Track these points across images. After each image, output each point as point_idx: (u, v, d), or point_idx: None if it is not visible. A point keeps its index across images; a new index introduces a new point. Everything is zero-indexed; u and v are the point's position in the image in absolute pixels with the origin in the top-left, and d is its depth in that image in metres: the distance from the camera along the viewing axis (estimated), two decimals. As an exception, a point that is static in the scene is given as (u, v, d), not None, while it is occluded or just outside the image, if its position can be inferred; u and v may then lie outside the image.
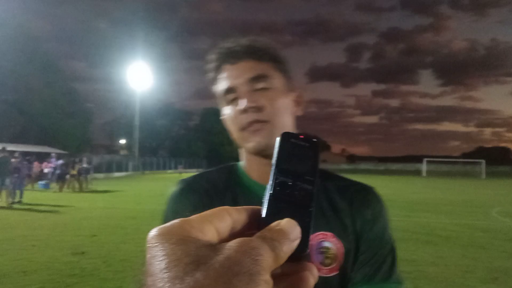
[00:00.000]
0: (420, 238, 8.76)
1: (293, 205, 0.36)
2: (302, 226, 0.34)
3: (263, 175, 1.01)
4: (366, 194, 1.04)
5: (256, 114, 0.94)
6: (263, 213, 0.35)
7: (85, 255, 6.64)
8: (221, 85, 1.00)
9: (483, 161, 66.61)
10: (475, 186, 34.76)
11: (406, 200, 18.43)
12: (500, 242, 8.60)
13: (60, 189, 19.72)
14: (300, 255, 0.33)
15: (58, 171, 20.26)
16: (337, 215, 0.98)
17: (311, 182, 0.37)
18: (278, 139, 0.40)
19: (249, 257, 0.28)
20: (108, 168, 39.83)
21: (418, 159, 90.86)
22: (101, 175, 36.28)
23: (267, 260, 0.29)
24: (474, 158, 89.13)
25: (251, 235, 0.32)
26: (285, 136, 0.40)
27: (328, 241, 0.93)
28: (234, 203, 0.98)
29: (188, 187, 1.04)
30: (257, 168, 1.03)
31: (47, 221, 10.19)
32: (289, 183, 0.37)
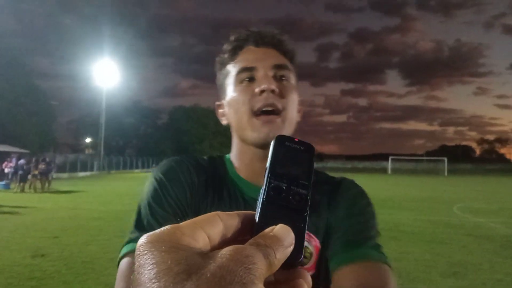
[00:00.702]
0: (384, 234, 8.88)
1: (288, 210, 0.35)
2: (297, 232, 0.33)
3: (252, 172, 0.99)
4: (340, 185, 1.02)
5: (276, 99, 0.92)
6: (257, 218, 0.34)
7: (45, 258, 6.42)
8: (239, 63, 0.98)
9: (445, 159, 68.89)
10: (438, 183, 35.89)
11: (372, 197, 18.46)
12: (460, 237, 8.89)
13: (22, 190, 19.07)
14: (294, 261, 0.32)
15: (20, 171, 19.58)
16: (314, 211, 0.94)
17: (305, 186, 0.37)
18: (272, 142, 0.40)
19: (242, 265, 0.27)
20: (72, 167, 38.74)
21: (384, 157, 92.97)
22: (65, 175, 35.30)
23: (261, 268, 0.28)
24: (437, 156, 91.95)
25: (244, 241, 0.31)
26: (280, 139, 0.40)
27: (305, 240, 0.90)
28: (218, 198, 0.95)
29: (179, 161, 0.98)
30: (248, 163, 0.99)
31: (7, 222, 9.81)
32: (284, 188, 0.36)
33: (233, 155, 1.04)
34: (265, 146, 0.93)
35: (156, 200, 0.90)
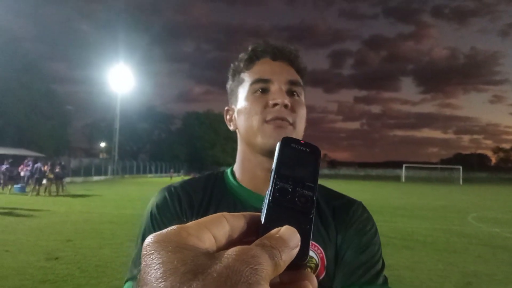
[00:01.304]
0: (397, 243, 8.85)
1: (293, 212, 0.35)
2: (302, 233, 0.33)
3: (255, 181, 1.00)
4: (351, 207, 1.04)
5: (287, 113, 0.95)
6: (262, 220, 0.34)
7: (59, 260, 6.50)
8: (255, 73, 1.00)
9: (460, 167, 67.95)
10: (452, 191, 35.41)
11: (385, 205, 18.63)
12: (474, 247, 8.75)
13: (37, 193, 19.32)
14: (299, 263, 0.32)
15: (36, 175, 19.85)
16: (321, 225, 0.98)
17: (311, 188, 0.37)
18: (278, 144, 0.40)
19: (248, 266, 0.27)
20: (87, 171, 39.16)
21: (397, 165, 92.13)
22: (79, 179, 35.71)
23: (267, 269, 0.28)
24: (452, 165, 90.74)
25: (249, 242, 0.31)
26: (286, 141, 0.40)
27: (311, 250, 0.93)
28: (220, 211, 0.96)
29: (172, 194, 1.00)
30: (252, 172, 1.01)
31: (22, 225, 9.95)
32: (289, 189, 0.36)
33: (237, 165, 1.06)
34: (272, 154, 0.94)
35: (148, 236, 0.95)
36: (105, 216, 11.92)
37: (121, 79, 51.67)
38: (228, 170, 1.08)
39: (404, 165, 73.49)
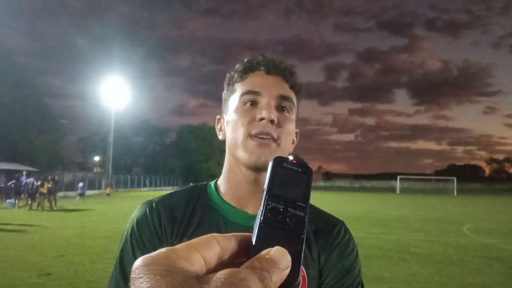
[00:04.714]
0: (393, 256, 8.81)
1: (285, 232, 0.34)
2: (293, 254, 0.33)
3: (239, 196, 0.99)
4: (334, 228, 1.03)
5: (273, 128, 0.94)
6: (253, 240, 0.34)
7: (51, 277, 6.40)
8: (246, 85, 0.99)
9: (454, 179, 68.24)
10: (447, 203, 35.48)
11: (380, 217, 18.60)
12: (470, 259, 8.73)
13: (30, 208, 19.13)
14: (290, 285, 0.32)
15: (28, 189, 19.67)
16: (305, 244, 0.97)
17: (303, 208, 0.36)
18: (270, 164, 0.39)
19: None
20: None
21: (392, 176, 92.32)
22: (73, 193, 35.37)
23: None
24: (446, 176, 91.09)
25: (240, 263, 0.31)
26: (278, 161, 0.40)
27: None
28: (201, 227, 0.96)
29: (152, 209, 0.98)
30: (236, 186, 1.00)
31: (14, 241, 9.81)
32: (281, 209, 0.36)
33: (222, 177, 1.05)
34: (256, 169, 0.94)
35: (125, 256, 0.95)
36: (98, 231, 11.79)
37: (116, 93, 51.65)
38: (212, 183, 1.06)
39: (398, 177, 73.66)
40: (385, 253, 9.00)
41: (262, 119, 0.93)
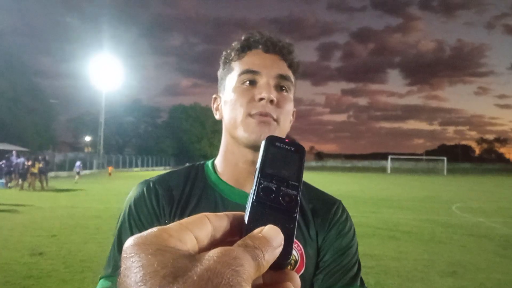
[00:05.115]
0: (383, 234, 8.94)
1: (277, 211, 0.35)
2: (286, 232, 0.33)
3: (236, 175, 0.99)
4: (332, 208, 1.03)
5: (272, 109, 0.93)
6: (246, 219, 0.34)
7: (43, 256, 6.41)
8: (244, 64, 0.97)
9: (445, 158, 68.93)
10: (437, 182, 35.93)
11: (371, 196, 18.80)
12: (459, 237, 8.88)
13: (21, 188, 19.06)
14: (283, 262, 0.32)
15: (19, 169, 19.57)
16: (302, 223, 0.99)
17: (295, 187, 0.37)
18: (263, 143, 0.39)
19: (230, 267, 0.27)
20: (72, 166, 38.63)
21: (383, 156, 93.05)
22: (64, 173, 35.32)
23: (249, 270, 0.28)
24: (436, 156, 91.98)
25: (233, 242, 0.31)
26: (271, 140, 0.40)
27: None
28: (200, 206, 0.96)
29: (150, 189, 0.97)
30: (234, 165, 0.99)
31: (6, 221, 9.79)
32: (273, 188, 0.36)
33: (219, 157, 1.04)
34: (255, 147, 0.94)
35: (123, 235, 0.94)
36: (90, 211, 11.79)
37: (107, 73, 51.04)
38: (209, 163, 1.06)
39: (389, 157, 74.23)
40: (376, 231, 9.12)
41: (261, 99, 0.92)
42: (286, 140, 0.40)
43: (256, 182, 0.36)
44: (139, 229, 0.91)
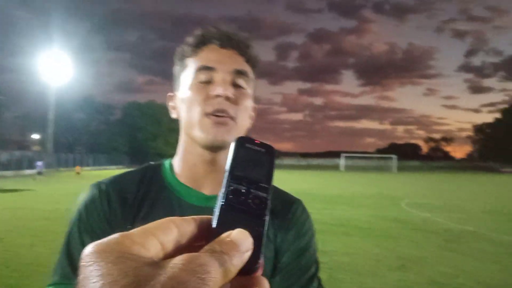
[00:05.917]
0: (336, 230, 9.15)
1: (246, 214, 0.33)
2: (255, 236, 0.31)
3: (194, 176, 0.95)
4: (291, 207, 1.01)
5: (229, 105, 0.89)
6: (214, 223, 0.32)
7: (-14, 260, 6.09)
8: (200, 60, 0.93)
9: (395, 157, 71.50)
10: (388, 179, 37.22)
11: (325, 194, 19.19)
12: (408, 232, 9.25)
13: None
14: (251, 267, 0.31)
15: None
16: None
17: (265, 189, 0.35)
18: (232, 144, 0.38)
19: (195, 275, 0.25)
20: (18, 165, 36.99)
21: (337, 154, 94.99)
22: (10, 173, 33.67)
23: (215, 277, 0.26)
24: (387, 154, 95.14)
25: (200, 247, 0.29)
26: (241, 141, 0.38)
27: None
28: (155, 209, 0.91)
29: (102, 192, 0.92)
30: (192, 166, 0.95)
31: None
32: (243, 191, 0.35)
33: (177, 157, 1.00)
34: (212, 148, 0.91)
35: (72, 241, 0.88)
36: (38, 212, 11.30)
37: (57, 68, 48.94)
38: (166, 162, 1.01)
39: (343, 155, 76.09)
40: (329, 227, 9.33)
41: (217, 96, 0.89)
42: (256, 141, 0.38)
43: (226, 185, 0.35)
44: (90, 235, 0.87)
